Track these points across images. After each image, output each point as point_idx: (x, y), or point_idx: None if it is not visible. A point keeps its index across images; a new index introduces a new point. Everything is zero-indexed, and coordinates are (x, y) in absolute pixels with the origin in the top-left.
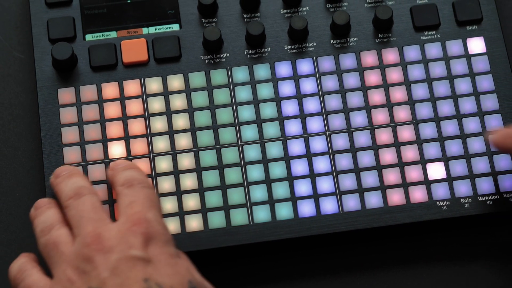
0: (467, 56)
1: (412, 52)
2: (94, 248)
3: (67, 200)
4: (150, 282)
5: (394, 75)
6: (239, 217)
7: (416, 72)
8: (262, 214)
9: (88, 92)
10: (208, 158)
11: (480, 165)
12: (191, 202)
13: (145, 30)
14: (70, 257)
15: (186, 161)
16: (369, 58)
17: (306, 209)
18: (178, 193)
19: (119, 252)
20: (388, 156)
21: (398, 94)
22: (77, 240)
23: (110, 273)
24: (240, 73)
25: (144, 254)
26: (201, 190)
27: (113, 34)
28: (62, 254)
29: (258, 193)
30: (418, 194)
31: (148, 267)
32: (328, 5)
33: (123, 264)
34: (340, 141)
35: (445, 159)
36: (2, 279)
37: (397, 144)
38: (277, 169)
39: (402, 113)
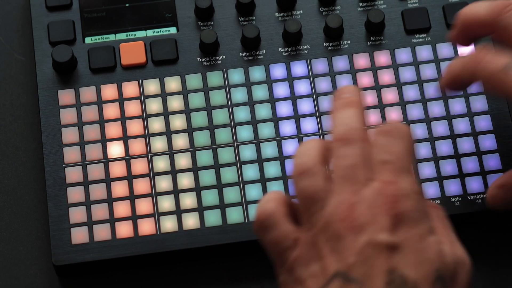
0: None
1: (403, 55)
2: (345, 225)
3: (335, 141)
4: (394, 274)
5: (386, 77)
6: (235, 215)
7: (407, 74)
8: None
9: (88, 93)
10: (205, 158)
11: (470, 164)
12: (188, 200)
13: (143, 33)
14: (322, 222)
15: (183, 160)
16: (361, 60)
17: None
18: (175, 192)
19: (367, 234)
20: None
21: (390, 95)
22: (331, 202)
23: (356, 258)
24: (236, 75)
25: (392, 239)
26: (197, 189)
27: (112, 37)
28: (315, 213)
29: (254, 192)
30: None
31: (395, 255)
32: (322, 9)
33: (370, 250)
34: None
35: (436, 158)
36: (2, 278)
37: None
38: (272, 169)
39: (394, 114)
